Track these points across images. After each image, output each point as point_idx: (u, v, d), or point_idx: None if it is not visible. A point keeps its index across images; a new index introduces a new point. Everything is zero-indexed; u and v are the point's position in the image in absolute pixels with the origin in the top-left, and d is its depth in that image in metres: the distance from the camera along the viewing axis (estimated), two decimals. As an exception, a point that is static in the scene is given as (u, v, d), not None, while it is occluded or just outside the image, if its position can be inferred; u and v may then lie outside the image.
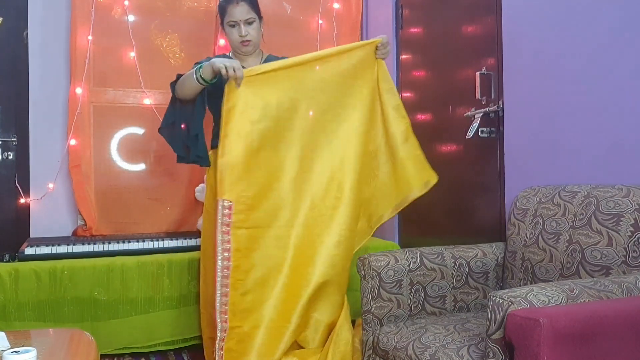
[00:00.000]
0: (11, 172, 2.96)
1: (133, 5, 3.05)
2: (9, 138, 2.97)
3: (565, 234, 1.77)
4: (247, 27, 2.38)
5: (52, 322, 2.43)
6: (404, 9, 3.12)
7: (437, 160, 2.78)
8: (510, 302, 1.27)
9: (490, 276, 2.09)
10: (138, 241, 2.70)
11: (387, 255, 2.00)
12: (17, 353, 1.34)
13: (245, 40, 2.38)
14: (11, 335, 1.62)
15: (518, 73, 2.20)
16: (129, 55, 3.04)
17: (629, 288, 1.41)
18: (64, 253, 2.55)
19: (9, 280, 2.38)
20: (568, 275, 1.72)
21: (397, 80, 3.14)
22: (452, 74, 2.68)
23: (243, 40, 2.38)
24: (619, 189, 1.67)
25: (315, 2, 3.35)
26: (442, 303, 2.04)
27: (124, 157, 3.06)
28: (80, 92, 2.92)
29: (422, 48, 2.97)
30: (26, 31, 2.97)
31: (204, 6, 3.18)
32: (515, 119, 2.22)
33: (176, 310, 2.59)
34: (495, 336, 1.30)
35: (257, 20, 2.41)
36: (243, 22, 2.36)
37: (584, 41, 1.89)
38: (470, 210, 2.52)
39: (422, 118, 2.95)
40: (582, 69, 1.90)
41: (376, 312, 1.97)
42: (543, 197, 1.94)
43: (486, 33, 2.40)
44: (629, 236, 1.59)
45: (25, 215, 2.93)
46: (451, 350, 1.55)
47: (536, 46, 2.10)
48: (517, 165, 2.20)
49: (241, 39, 2.38)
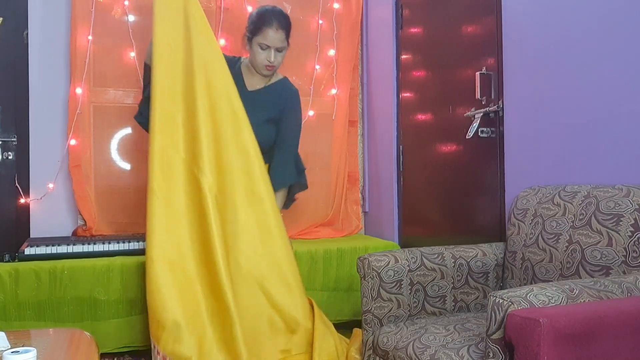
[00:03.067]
0: (11, 172, 2.96)
1: (133, 5, 3.05)
2: (9, 138, 2.97)
3: (565, 234, 1.77)
4: (277, 54, 2.41)
5: (52, 322, 2.43)
6: (404, 9, 3.12)
7: (437, 160, 2.79)
8: (510, 302, 1.27)
9: (490, 276, 2.09)
10: (138, 241, 2.69)
11: (387, 255, 2.00)
12: (17, 353, 1.34)
13: (271, 65, 2.42)
14: (11, 335, 1.62)
15: (518, 73, 2.20)
16: (129, 55, 3.04)
17: (629, 288, 1.41)
18: (64, 253, 2.55)
19: (9, 280, 2.38)
20: (568, 275, 1.72)
21: (397, 80, 3.14)
22: (452, 74, 2.68)
23: (269, 65, 2.42)
24: (619, 189, 1.67)
25: (315, 2, 3.35)
26: (442, 303, 2.04)
27: (124, 157, 3.06)
28: (80, 92, 2.91)
29: (422, 48, 2.97)
30: (26, 31, 2.97)
31: (204, 6, 3.15)
32: (515, 119, 2.22)
33: (176, 310, 2.59)
34: (495, 336, 1.30)
35: (286, 48, 2.44)
36: (275, 48, 2.39)
37: (584, 41, 1.89)
38: (470, 210, 2.52)
39: (422, 118, 2.95)
40: (582, 69, 1.90)
41: (376, 312, 1.97)
42: (543, 197, 1.94)
43: (486, 33, 2.40)
44: (629, 236, 1.59)
45: (25, 215, 2.93)
46: (451, 350, 1.55)
47: (536, 46, 2.10)
48: (517, 165, 2.20)
49: (268, 63, 2.41)
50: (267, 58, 2.40)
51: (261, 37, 2.39)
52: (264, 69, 2.44)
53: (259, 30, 2.39)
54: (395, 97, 3.15)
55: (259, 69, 2.46)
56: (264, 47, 2.40)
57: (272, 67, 2.44)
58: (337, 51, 3.38)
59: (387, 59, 3.20)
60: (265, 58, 2.41)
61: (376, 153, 3.37)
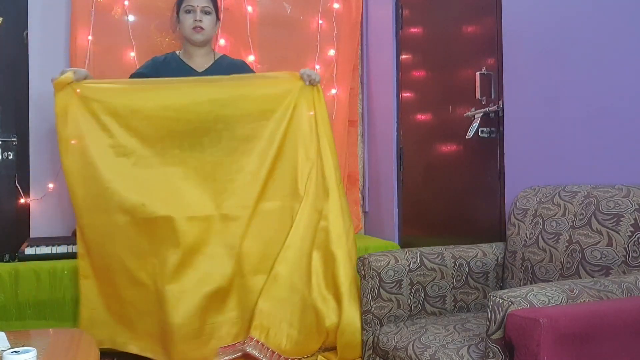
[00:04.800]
0: (11, 172, 2.96)
1: (133, 5, 3.05)
2: (9, 138, 2.96)
3: (565, 234, 1.77)
4: (203, 15, 2.40)
5: (52, 322, 2.43)
6: (404, 9, 3.12)
7: (437, 160, 2.79)
8: (510, 302, 1.27)
9: (490, 276, 2.09)
10: (138, 241, 2.69)
11: (387, 255, 2.00)
12: (17, 353, 1.34)
13: (199, 26, 2.39)
14: (11, 335, 1.62)
15: (518, 73, 2.20)
16: (129, 55, 3.04)
17: (629, 288, 1.40)
18: (64, 253, 2.55)
19: (9, 280, 2.38)
20: (568, 275, 1.72)
21: (397, 80, 3.14)
22: (452, 74, 2.68)
23: (196, 26, 2.40)
24: (619, 189, 1.67)
25: (315, 2, 3.35)
26: (442, 303, 2.04)
27: (124, 157, 3.05)
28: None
29: (422, 48, 2.97)
30: (26, 31, 2.97)
31: (204, 6, 3.18)
32: (515, 119, 2.22)
33: (176, 310, 2.58)
34: (495, 336, 1.30)
35: (213, 13, 2.44)
36: (200, 8, 2.39)
37: (584, 41, 1.89)
38: (470, 210, 2.52)
39: (422, 118, 2.95)
40: (582, 69, 1.90)
41: (376, 312, 1.97)
42: (543, 197, 1.94)
43: (486, 33, 2.40)
44: (629, 236, 1.59)
45: (25, 215, 2.93)
46: (451, 350, 1.55)
47: (536, 46, 2.10)
48: (517, 165, 2.20)
49: (195, 24, 2.39)
50: (193, 18, 2.40)
51: (185, 3, 2.41)
52: (193, 33, 2.41)
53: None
54: (395, 97, 3.15)
55: (189, 36, 2.43)
56: (188, 10, 2.40)
57: (200, 29, 2.41)
58: (337, 51, 3.38)
59: (387, 59, 3.20)
60: (191, 19, 2.40)
61: (376, 153, 3.37)
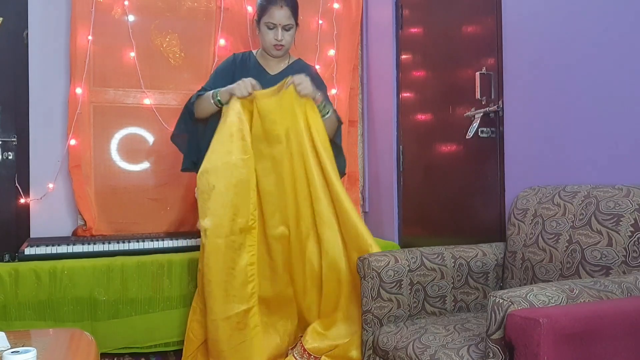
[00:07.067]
0: (11, 172, 2.96)
1: (133, 5, 3.05)
2: (9, 138, 2.97)
3: (565, 234, 1.77)
4: (284, 33, 2.41)
5: (52, 322, 2.43)
6: (404, 9, 3.12)
7: (437, 160, 2.79)
8: (510, 302, 1.27)
9: (490, 276, 2.09)
10: (138, 241, 2.70)
11: (387, 255, 2.00)
12: (17, 353, 1.35)
13: (280, 44, 2.42)
14: (11, 335, 1.63)
15: (518, 73, 2.20)
16: (129, 55, 3.04)
17: (629, 288, 1.41)
18: (64, 253, 2.55)
19: (9, 280, 2.38)
20: (568, 275, 1.72)
21: (397, 80, 3.14)
22: (452, 74, 2.68)
23: (277, 44, 2.42)
24: (619, 189, 1.67)
25: (315, 2, 3.35)
26: (442, 303, 2.04)
27: (124, 157, 3.06)
28: (80, 92, 2.91)
29: (422, 48, 2.97)
30: (26, 31, 2.97)
31: (204, 6, 3.18)
32: (515, 119, 2.22)
33: (176, 311, 2.59)
34: (495, 336, 1.30)
35: (294, 27, 2.45)
36: (282, 26, 2.39)
37: (584, 41, 1.89)
38: (470, 210, 2.52)
39: (422, 118, 2.95)
40: (582, 69, 1.90)
41: (376, 312, 1.96)
42: (543, 197, 1.94)
43: (486, 33, 2.40)
44: (629, 236, 1.59)
45: (25, 215, 2.93)
46: (451, 350, 1.55)
47: (536, 46, 2.10)
48: (517, 165, 2.20)
49: (276, 42, 2.41)
50: (274, 37, 2.41)
51: (267, 17, 2.40)
52: (272, 49, 2.44)
53: (265, 11, 2.40)
54: (395, 97, 3.15)
55: (268, 50, 2.46)
56: (271, 27, 2.40)
57: (280, 47, 2.43)
58: (337, 51, 3.38)
59: (387, 59, 3.20)
60: (273, 37, 2.41)
61: (376, 153, 3.37)
